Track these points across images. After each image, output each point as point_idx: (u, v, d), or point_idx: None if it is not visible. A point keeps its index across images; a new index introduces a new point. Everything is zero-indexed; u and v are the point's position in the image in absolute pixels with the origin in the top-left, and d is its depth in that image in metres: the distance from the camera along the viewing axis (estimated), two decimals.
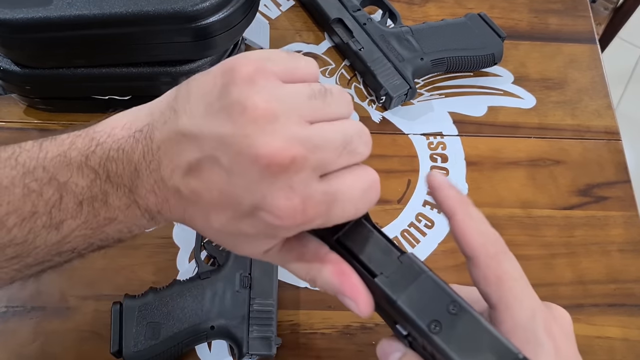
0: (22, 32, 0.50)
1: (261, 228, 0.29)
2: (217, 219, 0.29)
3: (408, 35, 0.64)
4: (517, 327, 0.30)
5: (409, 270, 0.30)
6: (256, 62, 0.29)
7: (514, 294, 0.30)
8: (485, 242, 0.30)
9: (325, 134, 0.29)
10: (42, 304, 0.52)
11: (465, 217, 0.31)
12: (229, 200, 0.28)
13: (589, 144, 0.64)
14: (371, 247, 0.31)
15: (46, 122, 0.60)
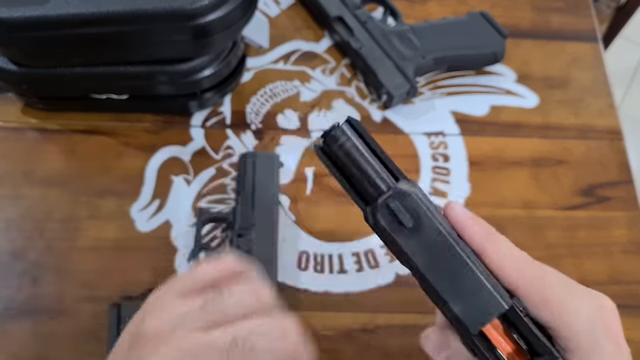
0: (19, 31, 0.50)
1: None
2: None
3: (409, 34, 0.64)
4: (579, 342, 0.30)
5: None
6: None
7: (567, 310, 0.30)
8: (520, 274, 0.30)
9: (207, 339, 0.30)
10: (39, 306, 0.51)
11: (495, 253, 0.31)
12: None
13: (592, 144, 0.63)
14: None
15: (43, 121, 0.60)
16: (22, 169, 0.57)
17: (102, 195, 0.56)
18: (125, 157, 0.58)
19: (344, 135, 0.31)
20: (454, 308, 0.29)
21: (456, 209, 0.32)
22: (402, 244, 0.30)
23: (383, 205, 0.30)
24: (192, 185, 0.57)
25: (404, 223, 0.30)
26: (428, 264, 0.30)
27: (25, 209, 0.55)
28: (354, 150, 0.30)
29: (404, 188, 0.30)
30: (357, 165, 0.30)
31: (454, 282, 0.29)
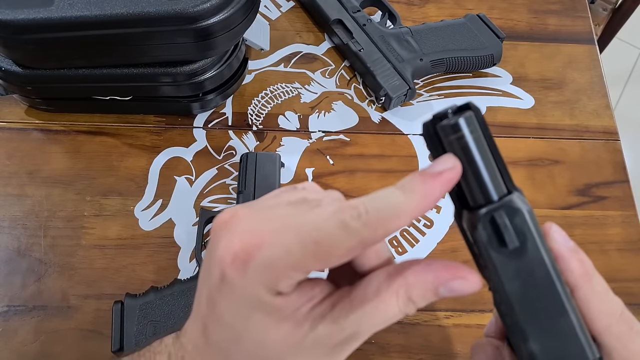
0: (23, 33, 0.50)
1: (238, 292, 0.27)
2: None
3: (407, 36, 0.64)
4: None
5: None
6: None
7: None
8: (609, 324, 0.28)
9: (280, 198, 0.29)
10: (43, 303, 0.52)
11: (588, 294, 0.28)
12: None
13: (588, 144, 0.64)
14: None
15: (47, 122, 0.60)
16: (27, 169, 0.58)
17: (106, 195, 0.57)
18: (128, 158, 0.59)
19: (468, 127, 0.26)
20: (533, 347, 0.26)
21: (559, 237, 0.29)
22: (498, 264, 0.26)
23: (488, 216, 0.26)
24: (194, 185, 0.58)
25: (507, 243, 0.26)
26: (521, 293, 0.26)
27: (30, 207, 0.56)
28: (475, 149, 0.26)
29: (516, 203, 0.26)
30: (472, 164, 0.26)
31: (543, 321, 0.26)
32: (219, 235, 0.27)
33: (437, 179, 0.25)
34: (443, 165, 0.26)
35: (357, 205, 0.25)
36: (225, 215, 0.28)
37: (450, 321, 0.53)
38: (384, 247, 0.30)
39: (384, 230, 0.25)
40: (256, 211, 0.28)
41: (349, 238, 0.25)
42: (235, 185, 0.58)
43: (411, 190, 0.25)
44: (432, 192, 0.25)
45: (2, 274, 0.53)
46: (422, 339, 0.53)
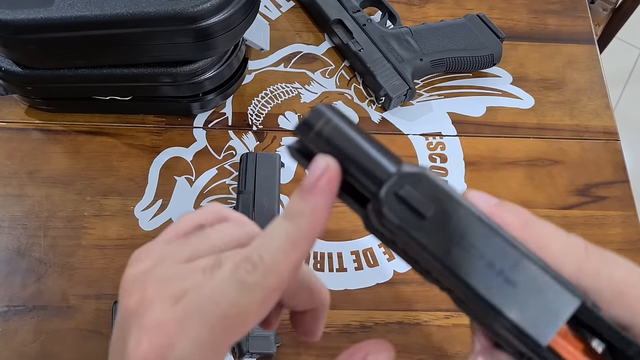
0: (23, 33, 0.51)
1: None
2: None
3: (407, 36, 0.64)
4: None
5: None
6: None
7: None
8: (580, 266, 0.24)
9: (191, 265, 0.27)
10: (43, 303, 0.52)
11: (540, 241, 0.24)
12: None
13: (588, 144, 0.64)
14: None
15: (47, 122, 0.60)
16: (27, 169, 0.58)
17: (106, 195, 0.57)
18: (128, 158, 0.59)
19: (321, 118, 0.23)
20: (511, 316, 0.21)
21: (480, 197, 0.25)
22: (426, 242, 0.22)
23: (389, 195, 0.22)
24: (194, 185, 0.58)
25: (420, 211, 0.22)
26: (465, 263, 0.22)
27: (30, 207, 0.56)
28: (337, 134, 0.23)
29: (412, 169, 0.23)
30: (344, 153, 0.23)
31: (505, 281, 0.22)
32: (129, 326, 0.26)
33: (315, 190, 0.23)
34: (315, 171, 0.23)
35: (250, 255, 0.24)
36: (134, 299, 0.26)
37: (450, 321, 0.54)
38: (308, 279, 0.29)
39: (288, 267, 0.24)
40: (165, 288, 0.26)
41: (254, 295, 0.24)
42: (235, 185, 0.58)
43: (296, 215, 0.24)
44: (317, 205, 0.23)
45: (2, 274, 0.53)
46: (422, 339, 0.53)
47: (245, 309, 0.24)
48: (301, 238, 0.24)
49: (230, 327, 0.24)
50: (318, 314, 0.31)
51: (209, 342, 0.24)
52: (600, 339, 0.22)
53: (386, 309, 0.54)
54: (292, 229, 0.24)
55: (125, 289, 0.28)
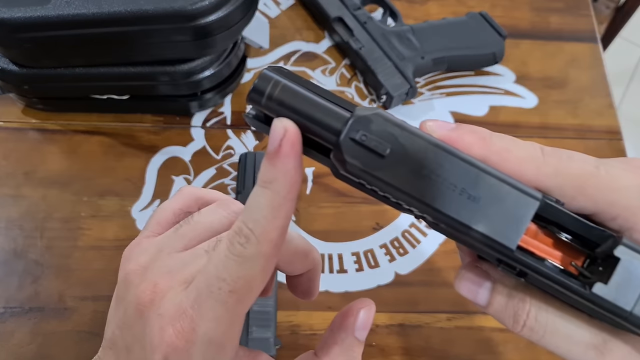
0: (20, 31, 0.50)
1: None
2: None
3: (409, 34, 0.64)
4: (634, 216, 0.25)
5: (632, 266, 0.23)
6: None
7: (605, 187, 0.25)
8: (539, 169, 0.25)
9: (189, 253, 0.29)
10: (40, 304, 0.51)
11: (498, 153, 0.26)
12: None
13: (591, 144, 0.63)
14: None
15: (44, 121, 0.60)
16: (23, 169, 0.57)
17: (104, 195, 0.56)
18: (126, 157, 0.58)
19: (268, 82, 0.24)
20: (479, 228, 0.23)
21: (434, 124, 0.26)
22: (391, 180, 0.23)
23: (346, 141, 0.23)
24: (193, 185, 0.57)
25: (379, 151, 0.23)
26: (429, 190, 0.23)
27: (26, 208, 0.55)
28: (288, 95, 0.24)
29: (363, 113, 0.24)
30: (298, 111, 0.24)
31: (468, 198, 0.23)
32: (148, 317, 0.27)
33: (281, 153, 0.24)
34: (275, 136, 0.24)
35: (240, 228, 0.25)
36: (147, 290, 0.28)
37: (451, 323, 0.53)
38: (300, 244, 0.31)
39: (277, 232, 0.25)
40: (173, 277, 0.28)
41: (254, 265, 0.25)
42: (234, 185, 0.58)
43: (270, 180, 0.24)
44: (286, 167, 0.24)
45: None
46: (423, 341, 0.52)
47: (250, 279, 0.25)
48: (281, 201, 0.25)
49: (241, 299, 0.25)
50: (313, 274, 0.33)
51: (226, 317, 0.26)
52: (567, 232, 0.24)
53: (387, 310, 0.53)
54: (270, 195, 0.24)
55: (130, 283, 0.29)
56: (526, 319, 0.26)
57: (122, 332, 0.30)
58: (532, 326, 0.26)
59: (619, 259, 0.23)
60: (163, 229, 0.32)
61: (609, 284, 0.23)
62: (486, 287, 0.27)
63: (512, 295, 0.26)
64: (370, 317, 0.30)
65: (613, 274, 0.23)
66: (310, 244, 0.32)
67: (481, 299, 0.27)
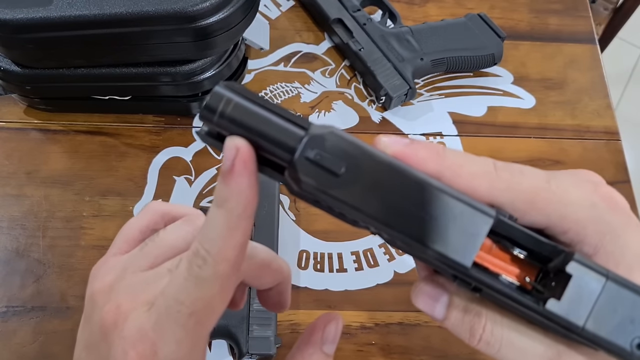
0: (22, 32, 0.50)
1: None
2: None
3: (408, 36, 0.64)
4: (585, 229, 0.26)
5: (581, 281, 0.23)
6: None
7: (556, 201, 0.26)
8: (491, 185, 0.26)
9: (155, 271, 0.29)
10: (42, 304, 0.52)
11: (454, 174, 0.25)
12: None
13: (589, 144, 0.64)
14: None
15: (46, 122, 0.60)
16: (26, 169, 0.57)
17: (105, 195, 0.57)
18: (128, 158, 0.59)
19: (220, 99, 0.24)
20: (434, 246, 0.23)
21: (388, 140, 0.26)
22: (346, 198, 0.23)
23: (300, 160, 0.23)
24: (193, 185, 0.58)
25: (333, 170, 0.23)
26: (384, 208, 0.23)
27: (29, 208, 0.56)
28: (240, 112, 0.23)
29: (317, 131, 0.23)
30: (251, 129, 0.23)
31: (422, 217, 0.23)
32: (111, 339, 0.27)
33: (234, 172, 0.24)
34: (228, 155, 0.24)
35: (197, 249, 0.25)
36: (110, 312, 0.28)
37: None
38: (266, 259, 0.31)
39: (234, 251, 0.25)
40: (136, 298, 0.27)
41: (212, 286, 0.25)
42: None
43: (224, 200, 0.24)
44: (240, 186, 0.24)
45: (0, 274, 0.53)
46: (423, 340, 0.53)
47: (209, 301, 0.25)
48: (236, 220, 0.24)
49: (200, 321, 0.25)
50: (282, 287, 0.33)
51: (187, 339, 0.26)
52: (520, 247, 0.25)
53: (387, 309, 0.54)
54: (225, 215, 0.24)
55: (95, 303, 0.29)
56: (482, 333, 0.26)
57: (88, 353, 0.30)
58: (489, 340, 0.26)
59: (571, 275, 0.23)
60: (130, 247, 0.31)
61: (562, 300, 0.23)
62: (443, 301, 0.27)
63: (468, 309, 0.27)
64: (338, 331, 0.30)
65: (565, 290, 0.23)
66: (278, 257, 0.32)
67: (438, 313, 0.27)
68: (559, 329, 0.24)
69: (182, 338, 0.25)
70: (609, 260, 0.25)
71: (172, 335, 0.25)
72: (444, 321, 0.27)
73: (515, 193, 0.26)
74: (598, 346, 0.24)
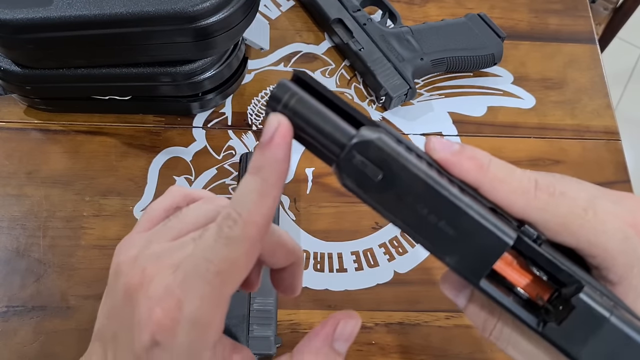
0: (22, 33, 0.50)
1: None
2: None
3: (408, 36, 0.64)
4: (614, 258, 0.26)
5: (585, 317, 0.24)
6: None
7: (590, 227, 0.26)
8: (527, 202, 0.27)
9: (178, 241, 0.30)
10: (43, 303, 0.52)
11: (493, 183, 0.27)
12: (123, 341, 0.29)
13: (589, 144, 0.64)
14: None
15: (46, 122, 0.60)
16: (26, 169, 0.58)
17: (106, 195, 0.57)
18: (128, 157, 0.59)
19: (286, 92, 0.26)
20: (449, 261, 0.25)
21: (438, 145, 0.27)
22: (379, 202, 0.25)
23: (345, 161, 0.25)
24: (193, 185, 0.58)
25: (371, 176, 0.25)
26: (412, 216, 0.25)
27: (29, 207, 0.56)
28: (301, 106, 0.26)
29: (365, 136, 0.25)
30: (309, 122, 0.26)
31: (445, 231, 0.25)
32: (136, 299, 0.28)
33: (272, 143, 0.26)
34: (269, 128, 0.26)
35: (229, 213, 0.26)
36: (135, 276, 0.29)
37: (451, 322, 0.53)
38: (283, 238, 0.32)
39: (263, 218, 0.26)
40: (162, 262, 0.29)
41: (240, 247, 0.26)
42: (235, 185, 0.58)
43: (260, 168, 0.26)
44: (275, 156, 0.26)
45: (1, 274, 0.53)
46: (423, 339, 0.53)
47: (235, 261, 0.26)
48: (268, 188, 0.26)
49: (226, 280, 0.27)
50: (295, 269, 0.34)
51: (212, 297, 0.27)
52: (540, 268, 0.26)
53: (387, 309, 0.54)
54: (259, 181, 0.26)
55: (119, 273, 0.30)
56: (493, 329, 0.29)
57: (109, 320, 0.30)
58: (498, 337, 0.29)
59: (575, 307, 0.24)
60: (153, 225, 0.33)
61: (561, 326, 0.24)
62: (465, 293, 0.29)
63: (484, 306, 0.29)
64: (355, 329, 0.30)
65: (566, 319, 0.24)
66: (293, 240, 0.33)
67: (460, 302, 0.30)
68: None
69: (207, 295, 0.26)
70: (629, 292, 0.27)
71: (198, 292, 0.26)
72: (464, 310, 0.30)
73: (551, 215, 0.27)
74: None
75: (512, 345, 0.28)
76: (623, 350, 0.24)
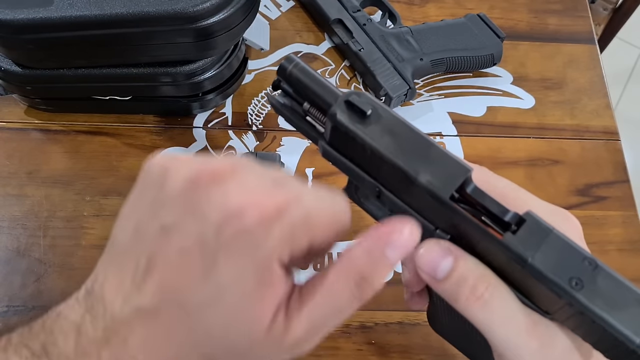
0: (22, 33, 0.50)
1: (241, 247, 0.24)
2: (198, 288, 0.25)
3: (408, 36, 0.64)
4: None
5: (534, 228, 0.28)
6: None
7: None
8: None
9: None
10: (43, 303, 0.52)
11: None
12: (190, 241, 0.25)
13: (588, 144, 0.64)
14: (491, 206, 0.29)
15: (47, 122, 0.60)
16: (26, 168, 0.58)
17: (106, 195, 0.57)
18: (128, 158, 0.59)
19: (291, 62, 0.33)
20: (423, 178, 0.29)
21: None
22: (367, 132, 0.30)
23: (341, 102, 0.30)
24: None
25: (364, 110, 0.30)
26: (393, 145, 0.30)
27: (29, 207, 0.56)
28: (303, 72, 0.32)
29: (356, 91, 0.32)
30: (309, 84, 0.32)
31: (419, 157, 0.30)
32: (227, 181, 0.25)
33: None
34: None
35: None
36: (226, 164, 0.26)
37: None
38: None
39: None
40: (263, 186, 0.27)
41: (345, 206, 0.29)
42: None
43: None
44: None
45: (1, 274, 0.53)
46: (422, 339, 0.53)
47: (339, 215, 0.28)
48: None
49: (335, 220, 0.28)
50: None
51: (317, 224, 0.27)
52: (485, 211, 0.29)
53: (386, 309, 0.54)
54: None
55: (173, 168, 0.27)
56: (484, 291, 0.29)
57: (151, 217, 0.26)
58: (487, 299, 0.29)
59: (525, 220, 0.28)
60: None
61: (517, 234, 0.28)
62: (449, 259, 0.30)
63: (477, 265, 0.30)
64: (413, 238, 0.28)
65: (520, 229, 0.28)
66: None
67: (445, 264, 0.30)
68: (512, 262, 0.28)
69: (315, 217, 0.27)
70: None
71: (308, 207, 0.27)
72: (448, 276, 0.29)
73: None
74: (540, 281, 0.27)
75: (497, 309, 0.29)
76: (565, 255, 0.28)
